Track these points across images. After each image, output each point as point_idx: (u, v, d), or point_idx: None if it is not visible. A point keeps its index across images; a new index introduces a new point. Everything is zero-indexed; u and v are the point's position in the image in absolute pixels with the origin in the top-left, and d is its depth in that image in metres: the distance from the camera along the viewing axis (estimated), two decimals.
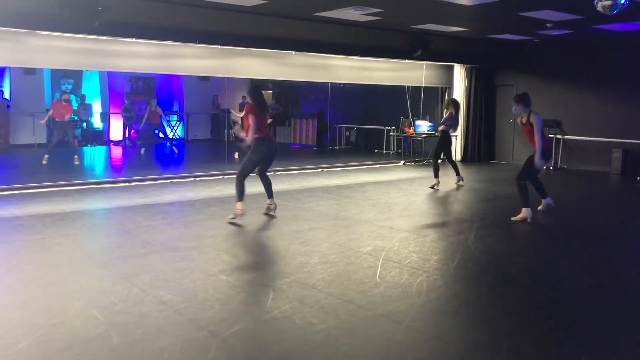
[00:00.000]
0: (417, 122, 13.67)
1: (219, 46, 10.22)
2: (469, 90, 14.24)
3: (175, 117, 19.07)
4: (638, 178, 11.40)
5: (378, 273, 4.84)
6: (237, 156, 6.91)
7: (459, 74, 14.29)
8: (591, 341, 3.60)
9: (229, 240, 6.16)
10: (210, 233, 6.31)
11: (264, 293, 4.33)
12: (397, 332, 3.64)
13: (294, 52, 11.28)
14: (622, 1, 6.20)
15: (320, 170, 12.21)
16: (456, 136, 14.21)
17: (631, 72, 11.98)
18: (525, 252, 5.88)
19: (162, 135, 15.79)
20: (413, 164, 13.74)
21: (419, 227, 6.85)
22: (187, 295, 4.24)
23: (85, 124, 17.16)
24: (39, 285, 4.47)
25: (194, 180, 10.31)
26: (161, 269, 4.95)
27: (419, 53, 12.08)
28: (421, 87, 13.75)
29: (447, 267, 5.11)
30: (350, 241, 5.96)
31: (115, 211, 7.70)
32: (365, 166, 13.07)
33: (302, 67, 11.91)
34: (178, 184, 9.91)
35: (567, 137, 13.02)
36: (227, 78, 12.67)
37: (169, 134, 18.14)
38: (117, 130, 17.74)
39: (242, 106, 15.62)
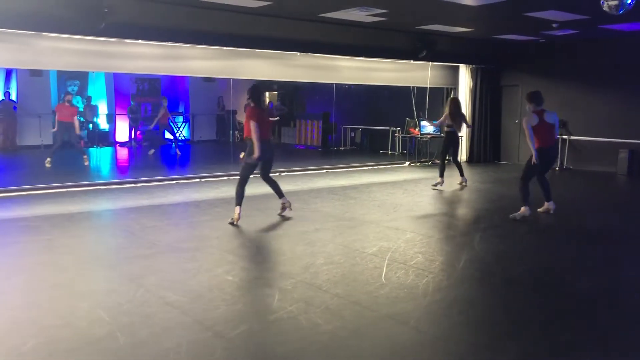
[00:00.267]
0: (422, 123, 13.66)
1: (224, 47, 10.23)
2: (474, 91, 14.21)
3: (181, 119, 19.12)
4: None
5: (384, 274, 4.83)
6: (242, 157, 6.90)
7: (465, 74, 14.27)
8: (597, 343, 3.59)
9: (234, 241, 6.17)
10: (215, 234, 6.32)
11: (269, 294, 4.34)
12: (403, 333, 3.64)
13: (299, 53, 11.28)
14: (629, 1, 6.17)
15: (326, 171, 12.21)
16: (462, 136, 14.19)
17: (637, 72, 11.92)
18: (531, 253, 5.86)
19: (170, 136, 15.80)
20: (418, 164, 13.72)
21: (424, 228, 6.84)
22: (193, 296, 4.25)
23: (91, 125, 17.23)
24: (45, 286, 4.50)
25: (200, 181, 10.33)
26: (167, 269, 4.97)
27: (424, 54, 12.06)
28: (426, 87, 13.73)
29: (453, 268, 5.11)
30: (356, 242, 5.96)
31: (121, 212, 7.73)
32: (371, 167, 13.06)
33: (307, 68, 11.91)
34: (183, 185, 9.93)
35: (573, 137, 12.98)
36: (233, 79, 12.68)
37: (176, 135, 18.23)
38: (123, 131, 17.81)
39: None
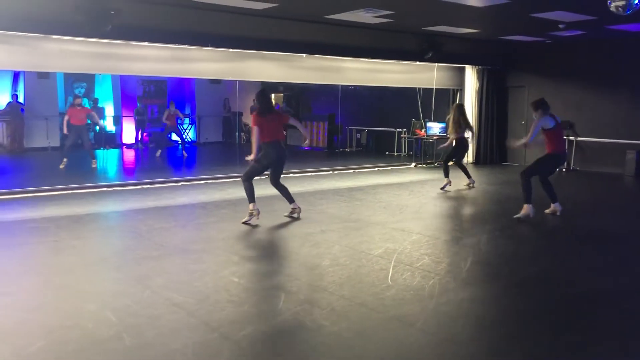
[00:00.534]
0: (429, 124, 13.64)
1: (230, 49, 10.26)
2: (480, 92, 14.17)
3: (187, 120, 19.17)
4: None
5: (390, 275, 4.83)
6: (248, 158, 6.90)
7: (471, 75, 14.23)
8: (606, 344, 3.57)
9: (240, 243, 6.18)
10: (222, 235, 6.34)
11: (275, 295, 4.34)
12: (409, 335, 3.64)
13: (305, 55, 11.29)
14: (636, 1, 6.15)
15: (331, 172, 12.20)
16: (467, 138, 14.14)
17: None
18: (538, 254, 5.84)
19: (177, 138, 15.84)
20: (424, 166, 13.70)
21: (430, 229, 6.83)
22: (200, 297, 4.26)
23: (98, 127, 17.28)
24: (53, 287, 4.52)
25: (206, 182, 10.35)
26: (174, 271, 4.98)
27: (430, 55, 12.05)
28: (432, 89, 13.71)
29: (459, 269, 5.09)
30: (362, 243, 5.96)
31: (128, 214, 7.76)
32: (377, 168, 13.05)
33: (313, 70, 11.92)
34: (190, 186, 9.96)
35: (580, 138, 12.93)
36: (239, 81, 12.70)
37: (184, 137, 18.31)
38: (129, 133, 17.87)
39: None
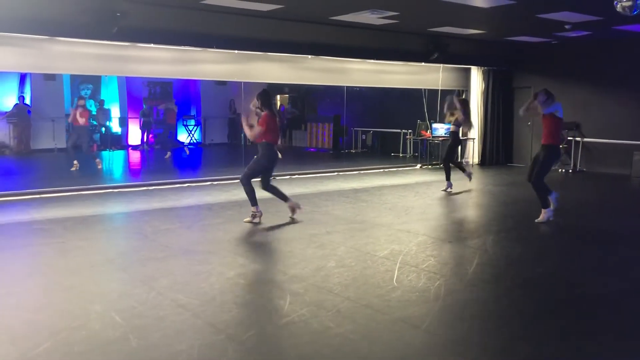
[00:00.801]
0: (434, 126, 13.62)
1: (235, 51, 10.28)
2: (486, 93, 14.13)
3: (192, 122, 19.22)
4: None
5: (395, 277, 4.82)
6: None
7: (476, 76, 14.20)
8: (612, 347, 3.55)
9: (246, 244, 6.19)
10: (227, 237, 6.34)
11: (280, 297, 4.34)
12: (415, 337, 3.63)
13: (310, 56, 11.30)
14: None
15: (337, 173, 12.20)
16: (473, 139, 14.14)
17: None
18: (544, 255, 5.82)
19: (185, 139, 15.85)
20: (430, 167, 13.67)
21: (436, 230, 6.82)
22: (205, 298, 4.27)
23: (103, 129, 17.36)
24: (59, 289, 4.54)
25: (212, 184, 10.36)
26: (179, 272, 4.99)
27: (436, 56, 12.03)
28: (438, 90, 13.69)
29: (465, 271, 5.08)
30: (367, 245, 5.95)
31: (133, 215, 7.78)
32: (382, 169, 13.03)
33: (318, 71, 11.92)
34: (195, 187, 9.97)
35: (586, 139, 12.87)
36: (244, 82, 12.73)
37: (180, 138, 18.42)
38: (135, 134, 17.93)
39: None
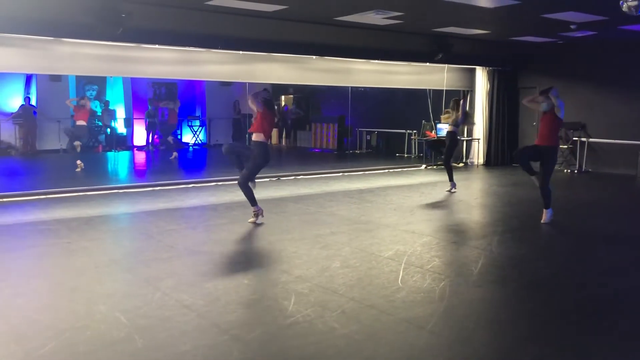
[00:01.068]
0: (439, 126, 13.60)
1: (240, 52, 10.29)
2: (491, 93, 14.11)
3: (197, 122, 19.26)
4: None
5: (400, 278, 4.81)
6: None
7: (481, 76, 14.17)
8: (618, 347, 3.54)
9: (250, 245, 6.19)
10: (232, 237, 6.35)
11: (285, 297, 4.34)
12: (420, 337, 3.62)
13: (314, 57, 11.30)
14: None
15: (341, 174, 12.19)
16: (478, 139, 14.12)
17: None
18: (549, 256, 5.80)
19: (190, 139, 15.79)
20: (435, 167, 13.64)
21: (441, 231, 6.81)
22: (210, 299, 4.27)
23: (109, 130, 17.41)
24: (65, 289, 4.55)
25: (216, 184, 10.38)
26: (184, 273, 4.99)
27: (440, 56, 12.01)
28: (442, 90, 13.67)
29: (470, 271, 5.07)
30: (372, 245, 5.95)
31: (138, 216, 7.79)
32: (387, 170, 13.02)
33: (323, 72, 11.92)
34: (200, 188, 9.98)
35: (591, 140, 12.82)
36: (249, 83, 12.74)
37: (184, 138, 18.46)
38: (140, 135, 17.97)
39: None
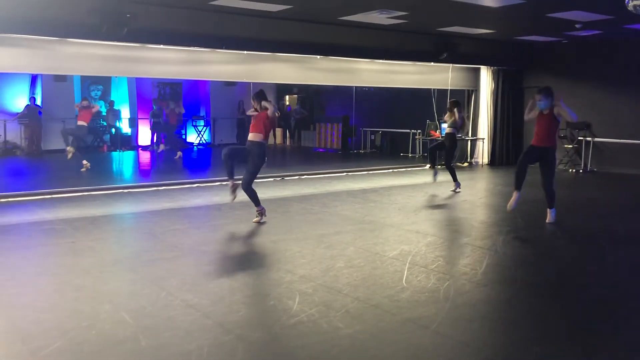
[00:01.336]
0: (444, 126, 13.57)
1: (244, 52, 10.30)
2: (495, 93, 14.06)
3: (202, 122, 19.31)
4: None
5: (404, 277, 4.81)
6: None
7: (486, 76, 14.13)
8: (620, 347, 3.52)
9: (254, 244, 6.19)
10: (236, 237, 6.36)
11: (289, 297, 4.34)
12: (424, 338, 3.62)
13: (319, 57, 11.29)
14: None
15: (346, 174, 12.18)
16: (483, 139, 14.08)
17: None
18: (553, 256, 5.78)
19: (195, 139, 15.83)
20: (439, 167, 13.60)
21: (445, 231, 6.79)
22: (214, 298, 4.27)
23: (113, 130, 17.45)
24: (69, 288, 4.56)
25: (220, 184, 10.38)
26: (189, 272, 5.00)
27: (445, 56, 11.99)
28: (447, 90, 13.65)
29: (475, 271, 5.05)
30: (376, 245, 5.94)
31: (143, 215, 7.81)
32: (391, 170, 13.00)
33: (327, 71, 11.92)
34: (204, 188, 10.00)
35: (597, 139, 12.77)
36: (253, 83, 12.75)
37: (187, 138, 18.48)
38: (145, 135, 18.01)
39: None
